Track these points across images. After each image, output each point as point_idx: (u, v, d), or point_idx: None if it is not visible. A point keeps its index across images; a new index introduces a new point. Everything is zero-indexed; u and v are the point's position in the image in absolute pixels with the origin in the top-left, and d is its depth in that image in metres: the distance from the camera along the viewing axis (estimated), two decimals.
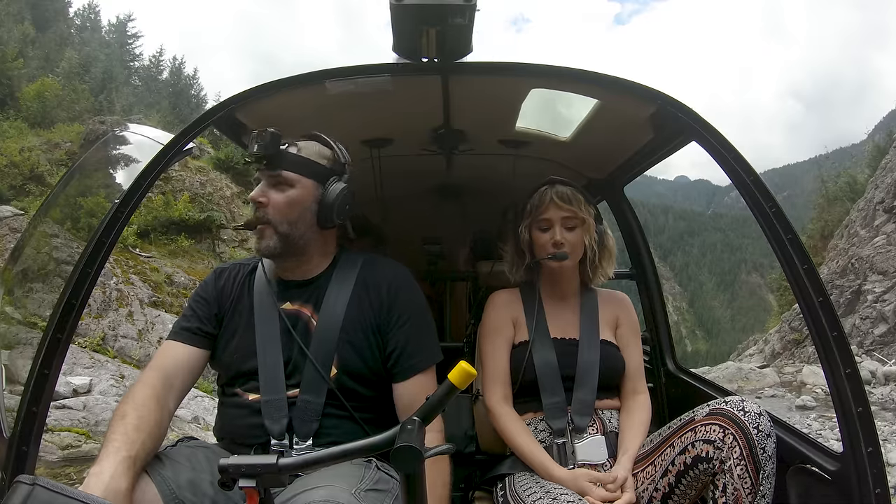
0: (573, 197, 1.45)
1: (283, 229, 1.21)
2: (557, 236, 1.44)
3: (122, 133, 2.38)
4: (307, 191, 1.22)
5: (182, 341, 1.22)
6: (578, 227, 1.45)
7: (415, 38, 1.20)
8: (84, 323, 8.20)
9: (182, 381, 1.18)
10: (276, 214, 1.20)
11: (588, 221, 1.46)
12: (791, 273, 1.17)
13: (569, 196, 1.44)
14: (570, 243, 1.45)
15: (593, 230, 1.47)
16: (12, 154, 13.18)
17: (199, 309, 1.27)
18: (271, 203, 1.20)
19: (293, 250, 1.24)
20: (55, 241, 9.13)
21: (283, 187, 1.21)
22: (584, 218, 1.45)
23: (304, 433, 1.17)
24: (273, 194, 1.20)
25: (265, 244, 1.21)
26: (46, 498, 0.74)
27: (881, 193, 14.84)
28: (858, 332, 12.45)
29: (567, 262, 1.46)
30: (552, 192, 1.45)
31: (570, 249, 1.45)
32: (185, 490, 1.01)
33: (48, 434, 5.00)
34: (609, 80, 1.33)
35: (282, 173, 1.20)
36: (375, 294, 1.26)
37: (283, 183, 1.21)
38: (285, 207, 1.20)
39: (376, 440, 0.77)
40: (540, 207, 1.47)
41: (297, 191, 1.21)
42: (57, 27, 29.63)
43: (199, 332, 1.24)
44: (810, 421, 7.91)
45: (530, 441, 1.38)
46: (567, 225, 1.45)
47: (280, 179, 1.20)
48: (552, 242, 1.45)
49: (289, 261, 1.26)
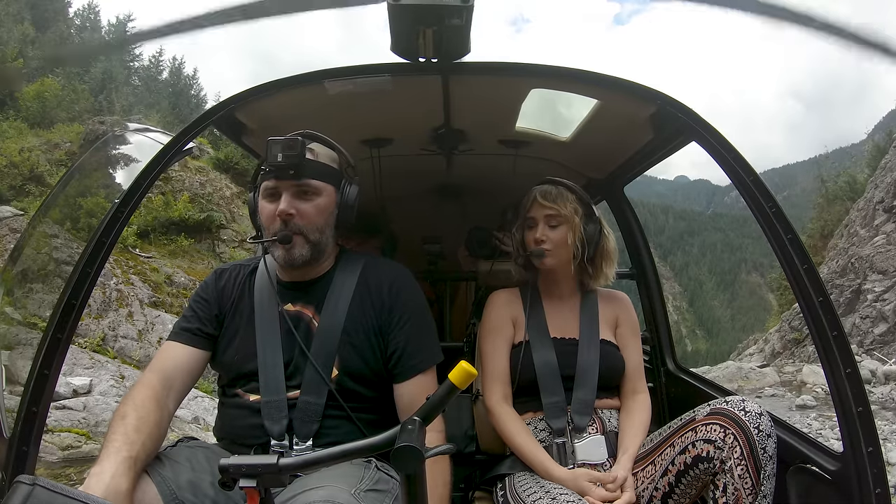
0: (557, 195, 1.46)
1: (314, 238, 1.20)
2: (538, 234, 1.46)
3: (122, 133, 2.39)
4: (331, 197, 1.23)
5: (182, 342, 1.22)
6: (562, 224, 1.46)
7: (412, 39, 1.20)
8: (84, 323, 8.20)
9: (182, 383, 1.18)
10: (308, 224, 1.19)
11: (573, 219, 1.45)
12: (791, 273, 1.17)
13: (552, 194, 1.46)
14: (553, 241, 1.45)
15: (580, 229, 1.46)
16: (12, 154, 13.17)
17: (199, 310, 1.26)
18: (300, 213, 1.18)
19: (320, 256, 1.24)
20: (55, 241, 9.13)
21: (311, 196, 1.19)
22: (566, 215, 1.45)
23: (305, 434, 1.17)
24: (300, 204, 1.18)
25: (298, 254, 1.19)
26: (46, 498, 0.74)
27: (881, 193, 14.83)
28: (858, 332, 12.45)
29: (550, 261, 1.46)
30: (537, 191, 1.48)
31: (551, 247, 1.45)
32: (186, 490, 1.01)
33: (48, 434, 5.00)
34: (609, 80, 1.33)
35: (309, 182, 1.19)
36: (377, 294, 1.27)
37: (309, 192, 1.19)
38: (316, 217, 1.20)
39: (376, 440, 0.77)
40: (527, 206, 1.50)
41: (324, 199, 1.21)
42: (57, 27, 29.61)
43: (199, 333, 1.24)
44: (810, 420, 7.90)
45: (530, 441, 1.38)
46: (550, 223, 1.46)
47: (306, 188, 1.19)
48: (534, 239, 1.46)
49: (309, 265, 1.25)
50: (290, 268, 1.23)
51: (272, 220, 1.19)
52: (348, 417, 1.20)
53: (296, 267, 1.22)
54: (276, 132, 1.70)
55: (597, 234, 1.48)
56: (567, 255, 1.47)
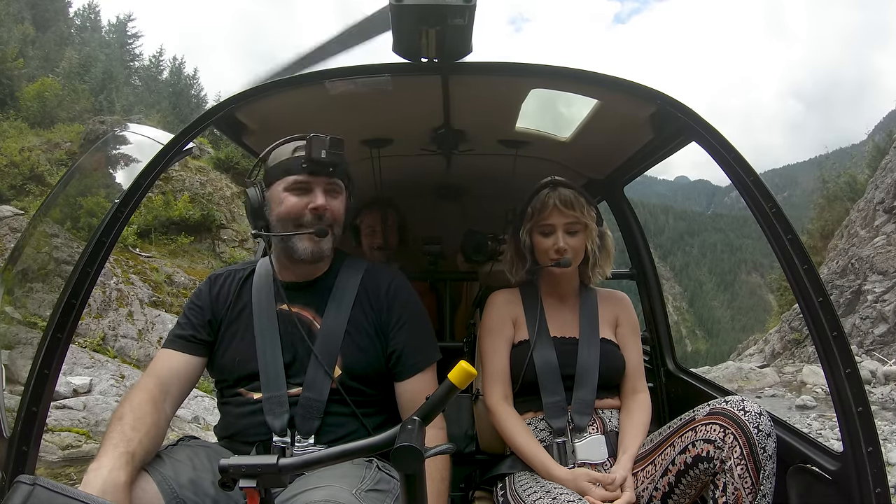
0: (576, 201, 1.44)
1: (337, 232, 1.28)
2: (560, 243, 1.43)
3: (122, 133, 2.38)
4: (346, 198, 1.30)
5: (176, 349, 1.25)
6: (580, 231, 1.45)
7: (414, 39, 1.20)
8: (84, 323, 8.19)
9: (178, 388, 1.21)
10: (337, 220, 1.26)
11: (590, 226, 1.46)
12: (791, 273, 1.17)
13: (572, 201, 1.43)
14: (573, 248, 1.45)
15: (595, 234, 1.47)
16: (12, 154, 13.17)
17: (193, 316, 1.29)
18: (331, 209, 1.24)
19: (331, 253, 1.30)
20: (55, 241, 9.13)
21: (336, 194, 1.26)
22: (586, 223, 1.45)
23: (306, 430, 1.18)
24: (330, 201, 1.24)
25: (326, 247, 1.25)
26: (46, 498, 0.74)
27: (881, 194, 14.82)
28: (858, 332, 12.44)
29: (571, 269, 1.47)
30: (555, 197, 1.43)
31: (572, 255, 1.44)
32: (187, 489, 1.01)
33: (48, 434, 4.99)
34: (609, 80, 1.33)
35: (337, 181, 1.26)
36: (375, 297, 1.30)
37: (336, 190, 1.26)
38: (341, 213, 1.27)
39: (377, 440, 0.77)
40: (543, 212, 1.45)
41: (344, 197, 1.29)
42: (57, 27, 29.61)
43: (192, 340, 1.26)
44: (810, 421, 7.90)
45: (530, 440, 1.38)
46: (570, 230, 1.45)
47: (335, 186, 1.26)
48: (555, 249, 1.44)
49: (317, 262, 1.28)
50: (306, 263, 1.26)
51: (301, 213, 1.22)
52: (352, 414, 1.22)
53: (315, 262, 1.26)
54: (276, 132, 1.70)
55: (604, 237, 1.51)
56: (580, 261, 1.48)
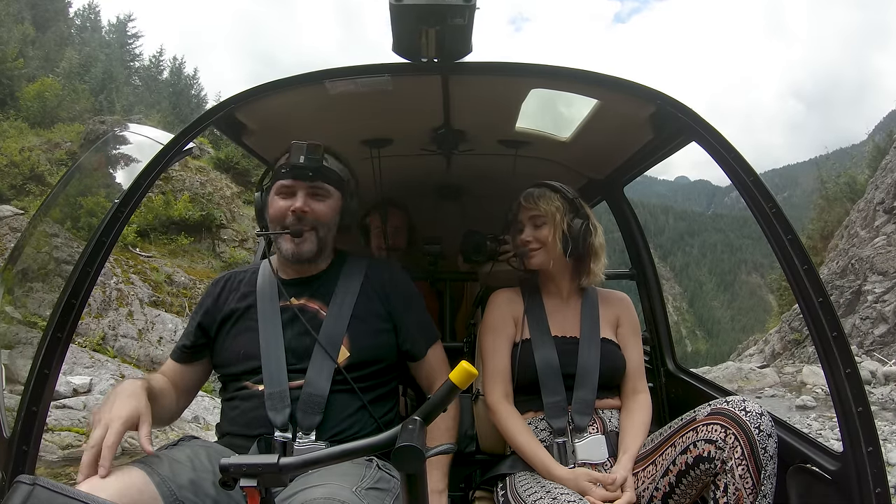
0: (539, 195, 1.49)
1: (322, 234, 1.33)
2: (524, 236, 1.50)
3: (122, 133, 2.38)
4: (336, 201, 1.35)
5: (177, 360, 1.36)
6: (546, 223, 1.48)
7: (414, 39, 1.20)
8: (84, 323, 8.20)
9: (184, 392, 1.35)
10: (319, 221, 1.31)
11: (554, 217, 1.46)
12: (791, 273, 1.17)
13: (535, 196, 1.49)
14: (538, 240, 1.48)
15: (561, 225, 1.46)
16: (12, 154, 13.18)
17: (189, 324, 1.38)
18: (313, 211, 1.30)
19: (322, 253, 1.35)
20: (55, 240, 9.13)
21: (322, 197, 1.32)
22: (549, 214, 1.47)
23: (307, 426, 1.19)
24: (313, 203, 1.30)
25: (307, 248, 1.30)
26: (46, 498, 0.74)
27: (881, 194, 14.83)
28: (858, 333, 12.45)
29: (536, 260, 1.49)
30: (522, 196, 1.52)
31: (536, 246, 1.48)
32: (186, 490, 1.01)
33: (48, 434, 4.99)
34: (609, 80, 1.33)
35: (322, 185, 1.31)
36: (378, 285, 1.38)
37: (321, 193, 1.32)
38: (327, 215, 1.32)
39: (378, 440, 0.77)
40: (516, 212, 1.53)
41: (333, 200, 1.34)
42: (57, 27, 29.60)
43: (187, 349, 1.35)
44: (810, 421, 7.90)
45: (531, 440, 1.38)
46: (535, 223, 1.49)
47: (319, 190, 1.31)
48: (521, 242, 1.50)
49: (312, 262, 1.35)
50: (295, 263, 1.33)
51: (284, 216, 1.29)
52: (355, 411, 1.23)
53: (301, 261, 1.32)
54: (276, 132, 1.70)
55: (583, 229, 1.47)
56: (555, 253, 1.47)
